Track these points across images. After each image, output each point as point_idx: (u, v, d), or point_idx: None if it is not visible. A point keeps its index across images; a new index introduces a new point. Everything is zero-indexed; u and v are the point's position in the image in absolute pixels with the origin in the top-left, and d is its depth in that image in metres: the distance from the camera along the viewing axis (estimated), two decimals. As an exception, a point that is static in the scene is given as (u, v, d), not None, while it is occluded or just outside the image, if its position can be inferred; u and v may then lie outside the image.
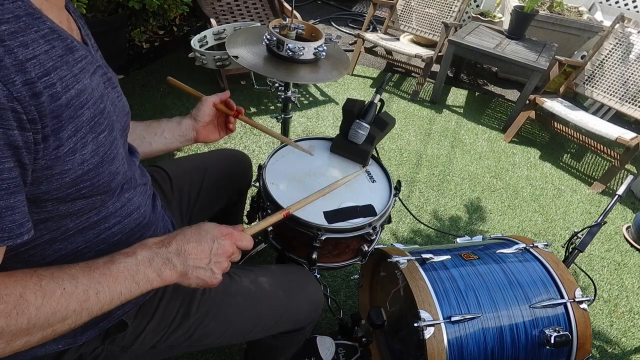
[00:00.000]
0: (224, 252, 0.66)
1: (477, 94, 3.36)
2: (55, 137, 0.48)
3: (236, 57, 1.15)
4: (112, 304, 0.55)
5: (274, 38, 1.16)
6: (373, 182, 1.13)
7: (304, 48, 1.15)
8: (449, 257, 1.10)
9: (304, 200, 0.89)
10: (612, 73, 2.63)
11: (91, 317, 0.54)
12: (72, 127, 0.51)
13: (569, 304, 1.02)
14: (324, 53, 1.20)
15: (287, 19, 1.23)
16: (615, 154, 2.44)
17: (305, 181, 1.09)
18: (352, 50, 3.32)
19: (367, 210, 1.03)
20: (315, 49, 1.17)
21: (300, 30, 1.26)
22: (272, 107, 2.66)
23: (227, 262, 0.67)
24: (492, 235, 1.34)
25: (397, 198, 1.12)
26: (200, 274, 0.63)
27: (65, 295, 0.50)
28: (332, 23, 4.05)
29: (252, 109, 2.62)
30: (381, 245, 1.20)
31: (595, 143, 2.54)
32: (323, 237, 0.97)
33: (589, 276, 1.28)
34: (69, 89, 0.50)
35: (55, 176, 0.51)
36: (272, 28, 1.19)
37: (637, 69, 2.55)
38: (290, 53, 1.15)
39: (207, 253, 0.64)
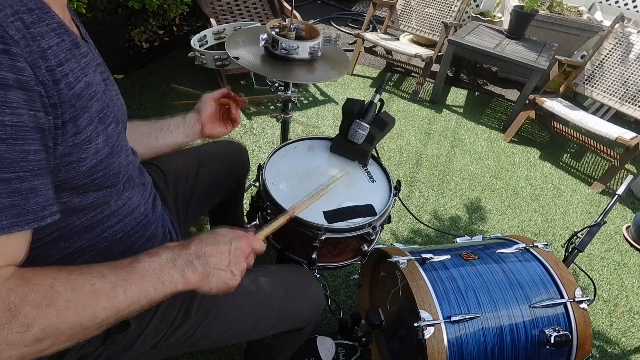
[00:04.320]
0: (242, 253, 0.66)
1: (477, 94, 3.36)
2: (73, 124, 0.50)
3: (237, 58, 1.15)
4: (140, 303, 0.54)
5: (270, 38, 1.16)
6: (373, 182, 1.13)
7: (298, 47, 1.15)
8: (449, 257, 1.10)
9: (309, 201, 0.88)
10: (612, 73, 2.63)
11: (119, 317, 0.53)
12: (88, 117, 0.53)
13: (569, 304, 1.02)
14: (319, 52, 1.19)
15: (287, 19, 1.23)
16: (615, 154, 2.44)
17: (305, 181, 1.09)
18: (352, 50, 3.32)
19: (367, 210, 1.03)
20: (310, 48, 1.17)
21: (300, 31, 1.25)
22: (272, 107, 2.66)
23: (245, 264, 0.67)
24: (492, 235, 1.34)
25: (397, 198, 1.12)
26: (221, 276, 0.63)
27: (95, 291, 0.50)
28: (332, 23, 4.05)
29: (252, 109, 2.61)
30: (381, 245, 1.20)
31: (595, 143, 2.54)
32: (323, 237, 0.97)
33: (589, 276, 1.28)
34: (79, 81, 0.52)
35: (72, 164, 0.52)
36: (271, 28, 1.19)
37: (637, 69, 2.55)
38: (285, 52, 1.15)
39: (227, 254, 0.64)
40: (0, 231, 0.43)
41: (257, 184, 1.12)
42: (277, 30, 1.21)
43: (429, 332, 0.93)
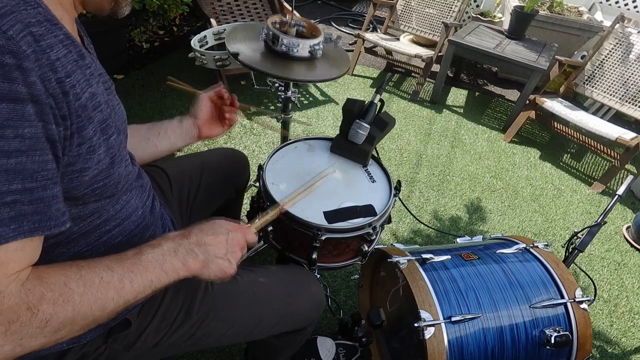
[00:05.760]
0: (238, 243, 0.69)
1: (477, 94, 3.36)
2: (79, 134, 0.52)
3: (237, 54, 1.15)
4: (145, 292, 0.58)
5: (270, 33, 1.16)
6: (373, 182, 1.13)
7: (298, 44, 1.14)
8: (449, 257, 1.10)
9: (300, 194, 0.89)
10: (612, 73, 2.63)
11: (127, 306, 0.56)
12: (92, 128, 0.54)
13: (569, 304, 1.02)
14: (320, 52, 1.19)
15: (287, 16, 1.23)
16: (615, 154, 2.44)
17: (305, 181, 1.08)
18: (352, 50, 3.32)
19: (367, 210, 1.03)
20: (310, 46, 1.16)
21: (302, 28, 1.25)
22: (272, 107, 2.66)
23: (239, 253, 0.70)
24: (492, 235, 1.34)
25: (397, 198, 1.12)
26: (219, 263, 0.66)
27: (104, 283, 0.53)
28: (332, 23, 4.05)
29: (252, 109, 2.61)
30: (381, 245, 1.20)
31: (595, 143, 2.54)
32: (323, 237, 0.97)
33: (589, 276, 1.28)
34: (84, 92, 0.53)
35: (75, 173, 0.54)
36: (271, 23, 1.19)
37: (637, 69, 2.55)
38: (285, 49, 1.15)
39: (224, 243, 0.67)
40: (22, 235, 0.45)
41: (257, 184, 1.12)
42: (278, 26, 1.21)
43: (429, 332, 0.93)
